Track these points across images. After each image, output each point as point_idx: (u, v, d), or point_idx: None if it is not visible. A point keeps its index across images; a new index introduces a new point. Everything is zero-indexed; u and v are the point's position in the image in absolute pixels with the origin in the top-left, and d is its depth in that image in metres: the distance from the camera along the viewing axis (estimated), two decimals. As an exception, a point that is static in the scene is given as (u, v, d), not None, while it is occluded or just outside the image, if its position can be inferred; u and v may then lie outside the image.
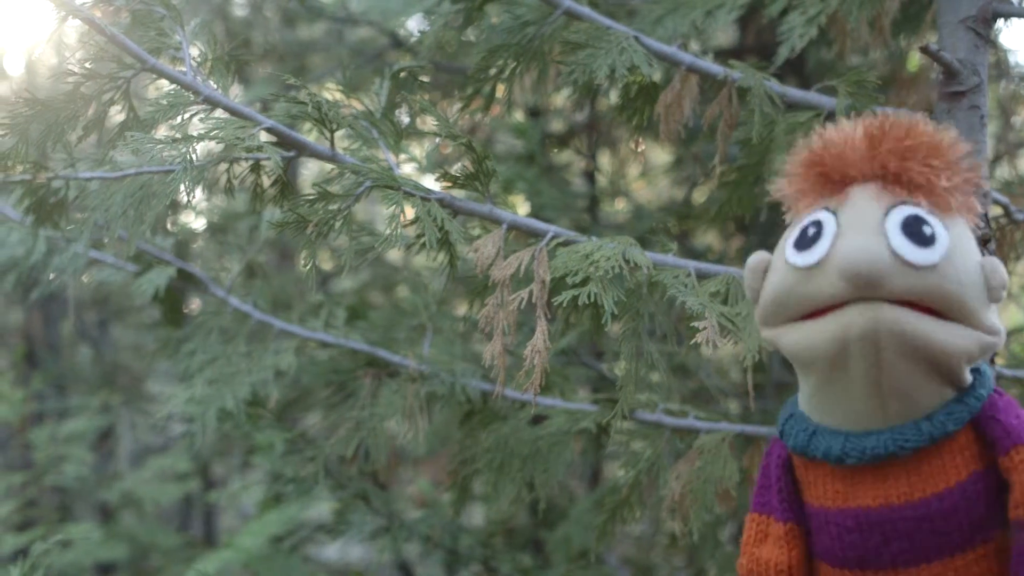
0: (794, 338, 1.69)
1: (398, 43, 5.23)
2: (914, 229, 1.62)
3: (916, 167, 1.66)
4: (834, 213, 1.67)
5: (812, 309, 1.66)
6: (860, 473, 1.72)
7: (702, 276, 2.41)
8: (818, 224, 1.67)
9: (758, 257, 1.77)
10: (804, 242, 1.67)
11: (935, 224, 1.63)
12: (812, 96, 2.66)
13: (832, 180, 1.71)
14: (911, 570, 1.72)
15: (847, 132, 1.71)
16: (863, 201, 1.66)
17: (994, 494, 1.69)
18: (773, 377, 4.19)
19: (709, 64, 2.70)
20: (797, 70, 4.12)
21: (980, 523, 1.69)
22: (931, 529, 1.69)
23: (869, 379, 1.64)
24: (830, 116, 2.61)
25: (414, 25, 5.10)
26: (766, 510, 1.87)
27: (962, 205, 1.68)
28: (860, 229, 1.63)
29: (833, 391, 1.70)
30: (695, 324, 2.19)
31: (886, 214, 1.63)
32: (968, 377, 1.69)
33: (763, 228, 4.25)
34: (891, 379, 1.63)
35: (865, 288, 1.59)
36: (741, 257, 4.49)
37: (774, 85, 2.65)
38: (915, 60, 3.93)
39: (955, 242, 1.63)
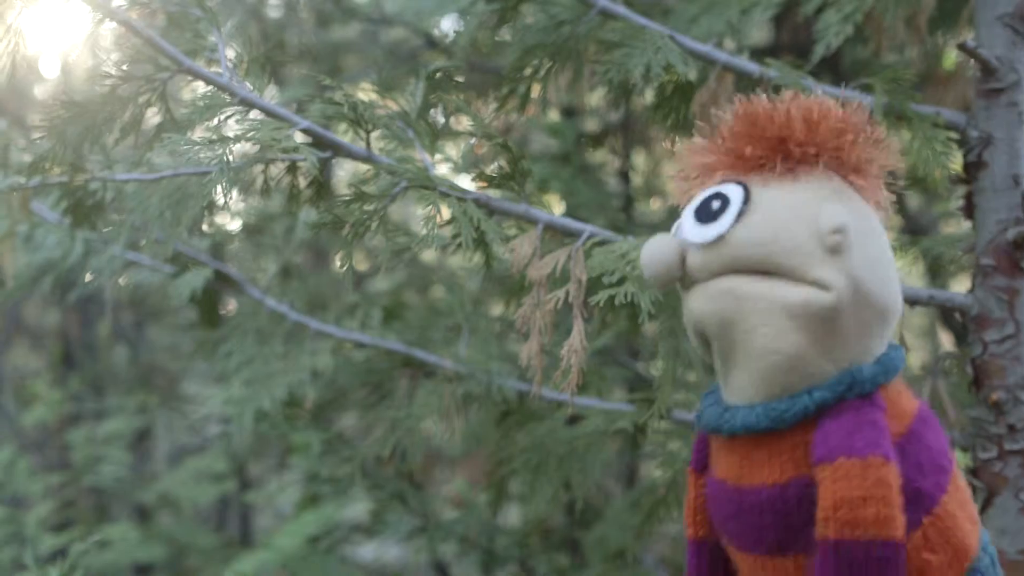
0: (687, 306, 1.66)
1: (432, 43, 5.24)
2: (703, 209, 1.60)
3: (765, 148, 1.63)
4: (746, 189, 1.63)
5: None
6: (725, 447, 1.66)
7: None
8: (722, 198, 1.63)
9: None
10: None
11: (732, 195, 1.58)
12: (848, 94, 2.65)
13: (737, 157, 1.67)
14: (744, 555, 1.67)
15: (771, 107, 1.67)
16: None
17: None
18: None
19: (745, 62, 2.69)
20: (832, 68, 4.10)
21: (796, 532, 1.59)
22: (749, 521, 1.63)
23: (722, 353, 1.62)
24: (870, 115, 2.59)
25: (448, 25, 5.10)
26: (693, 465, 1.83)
27: (863, 178, 1.64)
28: (672, 231, 1.64)
29: (717, 362, 1.66)
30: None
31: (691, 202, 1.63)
32: (814, 357, 1.58)
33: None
34: (721, 347, 1.61)
35: (669, 282, 1.61)
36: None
37: (810, 83, 2.64)
38: (952, 57, 3.91)
39: (760, 205, 1.57)
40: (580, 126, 5.22)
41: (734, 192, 1.59)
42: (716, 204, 1.58)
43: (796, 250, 1.55)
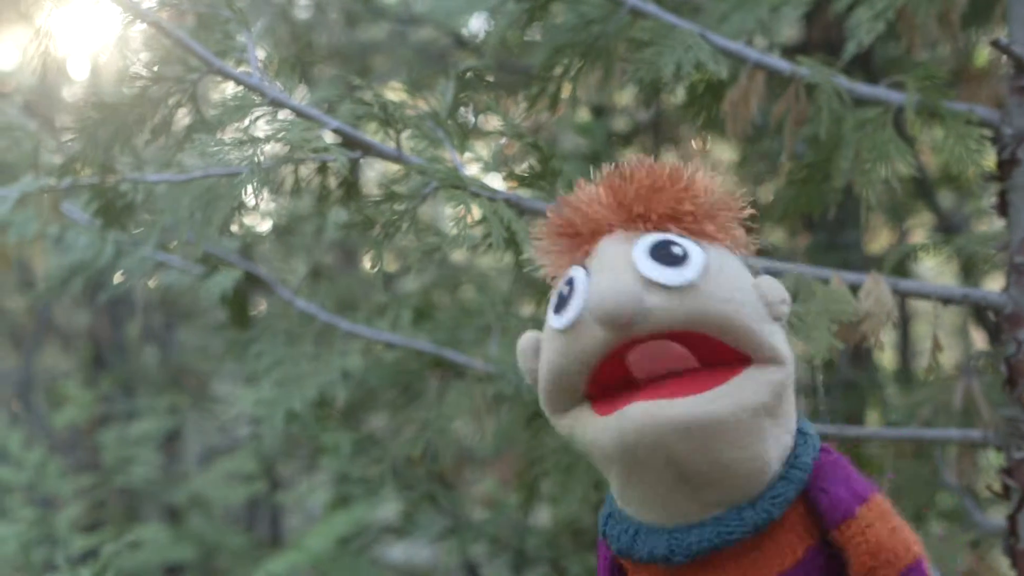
0: (587, 436, 1.56)
1: (461, 43, 5.23)
2: (663, 252, 1.51)
3: (661, 202, 1.55)
4: (585, 267, 1.56)
5: (589, 371, 1.54)
6: (691, 569, 1.57)
7: (770, 274, 2.38)
8: (571, 281, 1.56)
9: (527, 337, 1.65)
10: (561, 303, 1.56)
11: (687, 244, 1.52)
12: (881, 92, 2.64)
13: (584, 239, 1.59)
14: None
15: (591, 190, 1.62)
16: (610, 245, 1.55)
17: (833, 567, 1.57)
18: (840, 376, 4.16)
19: (776, 60, 2.68)
20: (864, 65, 4.08)
21: None
22: None
23: (669, 474, 1.51)
24: (899, 111, 2.58)
25: (477, 25, 5.10)
26: None
27: (719, 231, 1.56)
28: (607, 269, 1.52)
29: (640, 487, 1.57)
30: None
31: (633, 247, 1.52)
32: (777, 435, 1.54)
33: (831, 226, 4.22)
34: (695, 468, 1.51)
35: (626, 327, 1.48)
36: (808, 255, 4.47)
37: (842, 81, 2.62)
38: (984, 54, 3.88)
39: (715, 260, 1.52)
40: (610, 125, 5.21)
41: (687, 242, 1.53)
42: (677, 249, 1.51)
43: (755, 314, 1.51)
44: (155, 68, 2.33)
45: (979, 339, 5.20)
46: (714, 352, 1.51)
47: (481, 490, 5.46)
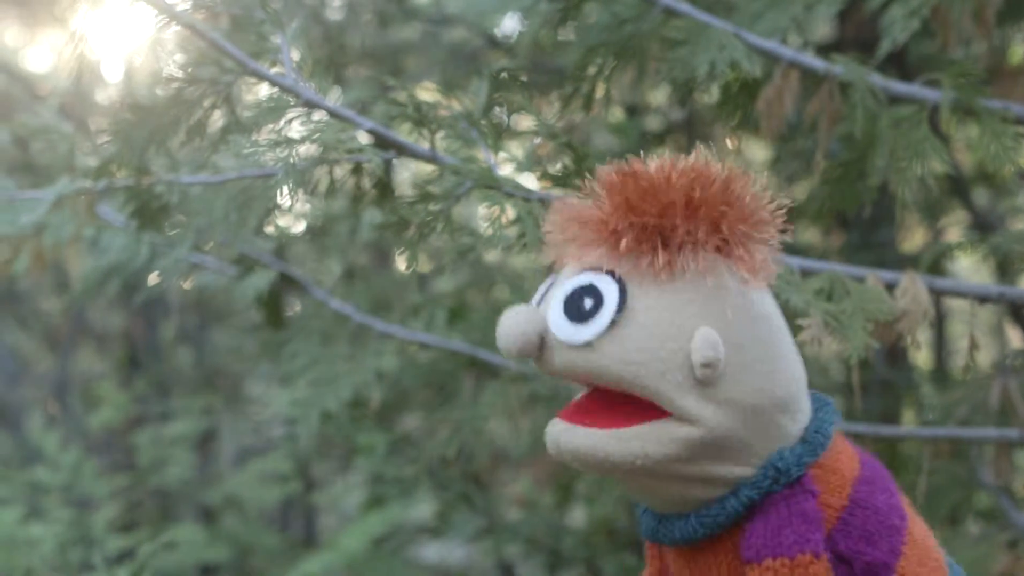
0: None
1: (494, 43, 5.23)
2: (574, 303, 1.48)
3: (634, 231, 1.49)
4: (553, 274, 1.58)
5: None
6: (672, 552, 1.62)
7: (805, 273, 2.38)
8: (542, 291, 1.58)
9: None
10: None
11: (608, 296, 1.48)
12: (916, 90, 2.63)
13: (578, 242, 1.55)
14: None
15: (604, 190, 1.55)
16: (563, 277, 1.54)
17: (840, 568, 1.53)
18: (877, 375, 4.15)
19: (810, 59, 2.67)
20: (898, 63, 4.07)
21: None
22: None
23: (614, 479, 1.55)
24: (934, 109, 2.57)
25: (509, 25, 5.10)
26: None
27: (686, 264, 1.48)
28: (525, 307, 1.54)
29: None
30: (800, 322, 2.16)
31: (561, 289, 1.51)
32: (710, 477, 1.52)
33: (865, 224, 4.21)
34: (621, 483, 1.56)
35: (526, 359, 1.53)
36: (843, 254, 4.46)
37: (876, 79, 2.61)
38: (1020, 51, 3.87)
39: (637, 315, 1.47)
40: (643, 124, 5.21)
41: (609, 291, 1.48)
42: (589, 303, 1.48)
43: (663, 377, 1.47)
44: (189, 70, 2.34)
45: (1015, 338, 5.17)
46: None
47: (516, 490, 5.45)
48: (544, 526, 4.16)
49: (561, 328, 1.49)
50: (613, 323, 1.47)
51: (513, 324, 1.51)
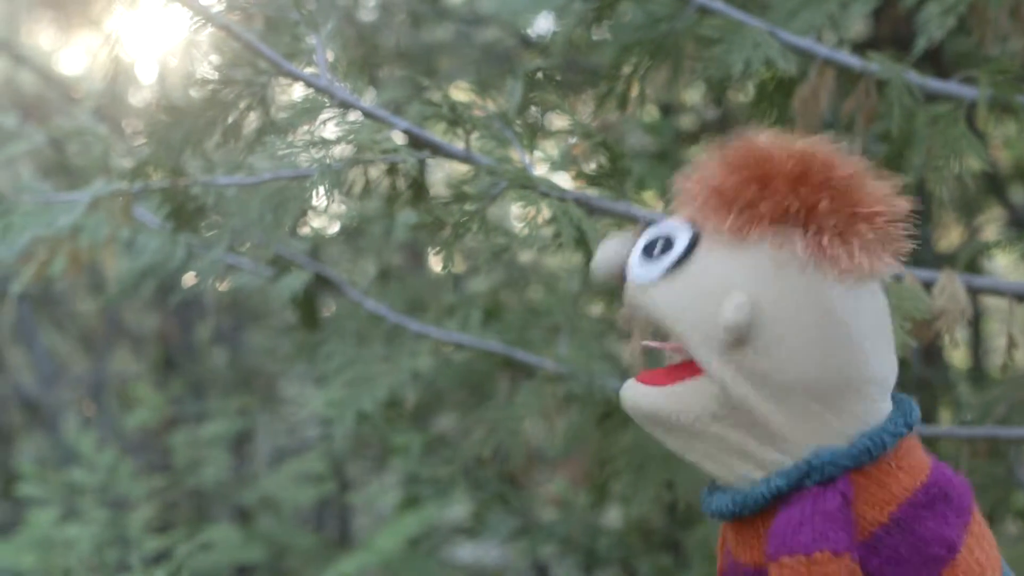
0: None
1: (527, 43, 5.23)
2: (652, 245, 1.55)
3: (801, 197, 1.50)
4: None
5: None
6: (734, 528, 1.61)
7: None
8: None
9: None
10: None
11: (679, 241, 1.52)
12: (952, 87, 2.61)
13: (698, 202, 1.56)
14: None
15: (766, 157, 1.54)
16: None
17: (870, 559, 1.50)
18: (914, 374, 4.13)
19: (846, 56, 2.66)
20: (934, 60, 4.05)
21: None
22: None
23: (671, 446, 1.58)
24: (971, 107, 2.56)
25: (543, 25, 5.09)
26: None
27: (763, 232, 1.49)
28: (623, 236, 1.62)
29: None
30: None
31: (658, 227, 1.57)
32: (750, 448, 1.52)
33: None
34: (678, 448, 1.57)
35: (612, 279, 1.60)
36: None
37: (913, 76, 2.60)
38: (1056, 48, 3.85)
39: (694, 268, 1.51)
40: (677, 123, 5.20)
41: (681, 241, 1.53)
42: (660, 247, 1.54)
43: (696, 330, 1.50)
44: (224, 71, 2.34)
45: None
46: None
47: (551, 490, 5.45)
48: (579, 526, 4.16)
49: (633, 264, 1.56)
50: (669, 270, 1.52)
51: (608, 246, 1.59)
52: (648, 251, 1.55)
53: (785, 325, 1.50)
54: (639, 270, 1.54)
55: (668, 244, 1.53)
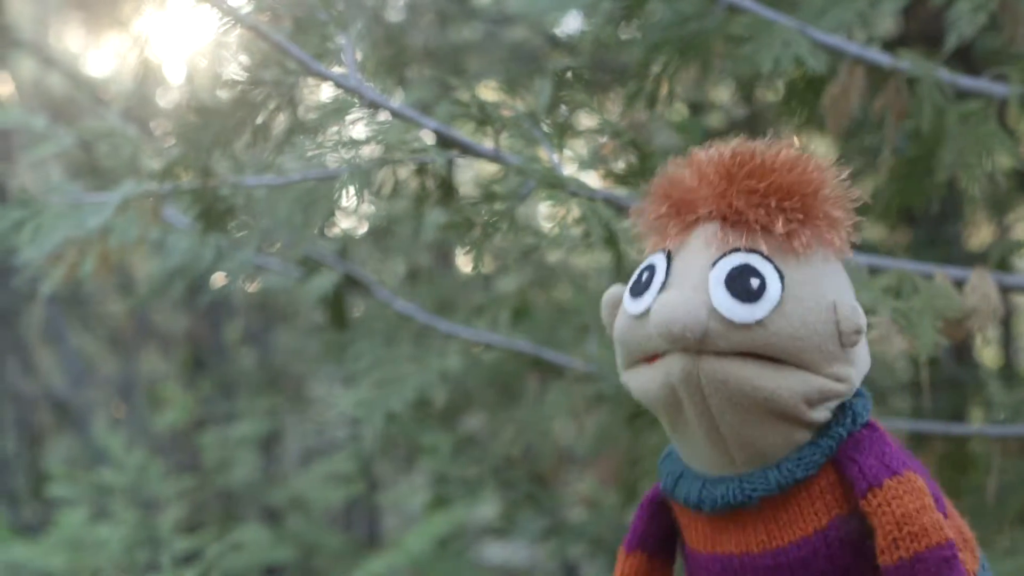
0: (636, 383, 1.62)
1: (555, 42, 5.22)
2: (739, 283, 1.52)
3: (757, 209, 1.55)
4: (669, 257, 1.57)
5: (645, 355, 1.59)
6: (722, 520, 1.63)
7: (873, 271, 2.36)
8: (651, 269, 1.58)
9: (611, 292, 1.67)
10: (637, 288, 1.59)
11: (767, 274, 1.52)
12: (983, 84, 2.60)
13: (680, 216, 1.60)
14: None
15: (702, 164, 1.60)
16: (697, 247, 1.56)
17: (864, 538, 1.58)
18: (944, 373, 4.11)
19: (876, 54, 2.65)
20: (964, 58, 4.03)
21: (847, 569, 1.60)
22: None
23: (703, 427, 1.56)
24: (1003, 104, 2.55)
25: (571, 24, 5.08)
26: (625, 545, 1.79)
27: (812, 242, 1.56)
28: (682, 282, 1.54)
29: (681, 437, 1.62)
30: (869, 320, 2.14)
31: (714, 264, 1.53)
32: (817, 417, 1.58)
33: (932, 220, 4.18)
34: (726, 427, 1.55)
35: (683, 345, 1.51)
36: (910, 250, 4.42)
37: (943, 74, 2.59)
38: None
39: (793, 291, 1.53)
40: (706, 122, 5.18)
41: (767, 269, 1.53)
42: (756, 282, 1.52)
43: (819, 348, 1.54)
44: (253, 72, 2.35)
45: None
46: None
47: (581, 490, 5.45)
48: (609, 526, 4.14)
49: (732, 309, 1.51)
50: (780, 301, 1.52)
51: (682, 311, 1.50)
52: (740, 290, 1.51)
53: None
54: (743, 312, 1.51)
55: (759, 276, 1.53)
